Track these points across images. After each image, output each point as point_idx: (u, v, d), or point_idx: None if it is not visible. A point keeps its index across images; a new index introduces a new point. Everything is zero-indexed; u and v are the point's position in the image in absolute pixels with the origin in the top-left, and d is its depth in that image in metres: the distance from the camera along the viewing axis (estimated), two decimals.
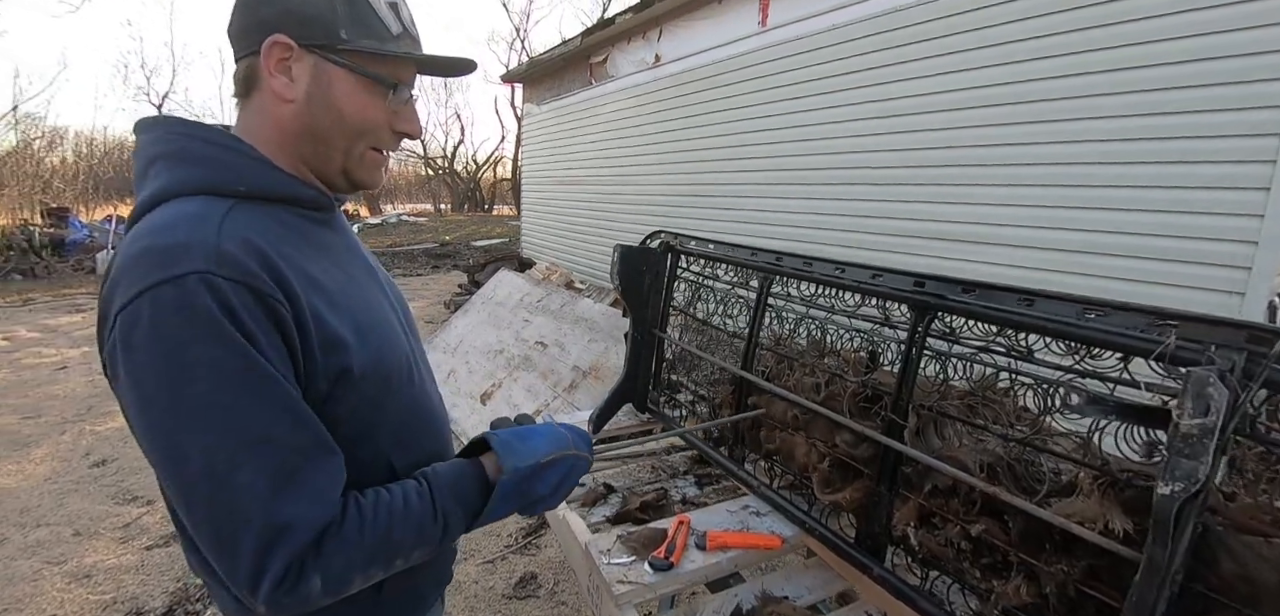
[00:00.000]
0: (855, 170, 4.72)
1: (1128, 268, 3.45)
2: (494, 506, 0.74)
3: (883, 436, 1.06)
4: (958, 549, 0.99)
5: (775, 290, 1.38)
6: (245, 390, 0.59)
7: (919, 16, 4.29)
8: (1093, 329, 0.76)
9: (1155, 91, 3.30)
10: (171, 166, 0.67)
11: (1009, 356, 0.97)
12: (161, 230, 0.61)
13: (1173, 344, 0.68)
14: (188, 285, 0.57)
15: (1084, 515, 0.81)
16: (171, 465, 0.59)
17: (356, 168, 0.76)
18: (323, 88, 0.70)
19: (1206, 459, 0.58)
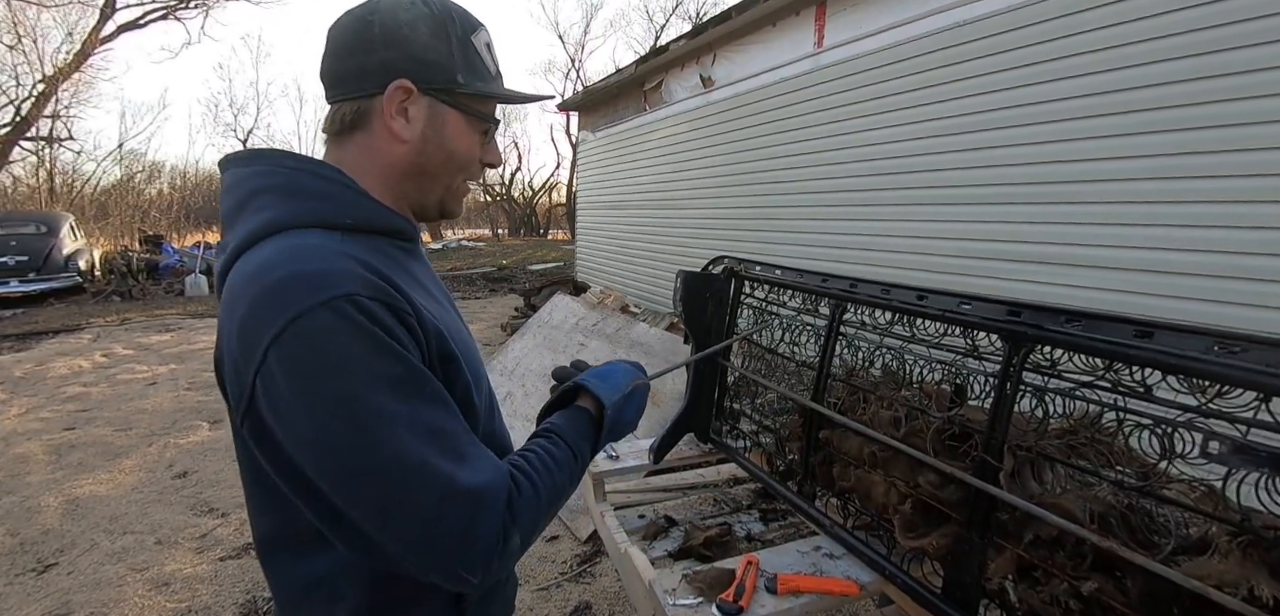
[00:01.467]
0: (923, 189, 4.55)
1: (1215, 289, 3.17)
2: (604, 436, 0.82)
3: (974, 478, 0.98)
4: (1065, 607, 0.89)
5: (847, 318, 1.31)
6: (414, 391, 0.62)
7: (980, 31, 4.13)
8: (1225, 365, 0.67)
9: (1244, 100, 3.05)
10: (282, 200, 0.68)
11: (1116, 393, 0.87)
12: (297, 258, 0.62)
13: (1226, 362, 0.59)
14: (342, 307, 0.59)
15: (1222, 578, 0.71)
16: (360, 478, 0.59)
17: (451, 200, 0.81)
18: (437, 128, 0.74)
19: None
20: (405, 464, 0.59)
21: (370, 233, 0.72)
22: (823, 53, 5.33)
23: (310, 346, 0.58)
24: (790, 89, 5.66)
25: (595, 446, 0.81)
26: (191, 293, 12.26)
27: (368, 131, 0.73)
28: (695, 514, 1.83)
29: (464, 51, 0.74)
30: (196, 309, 10.87)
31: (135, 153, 21.52)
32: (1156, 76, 3.36)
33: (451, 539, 0.60)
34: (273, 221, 0.66)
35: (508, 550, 0.64)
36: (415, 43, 0.71)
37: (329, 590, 0.69)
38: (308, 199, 0.69)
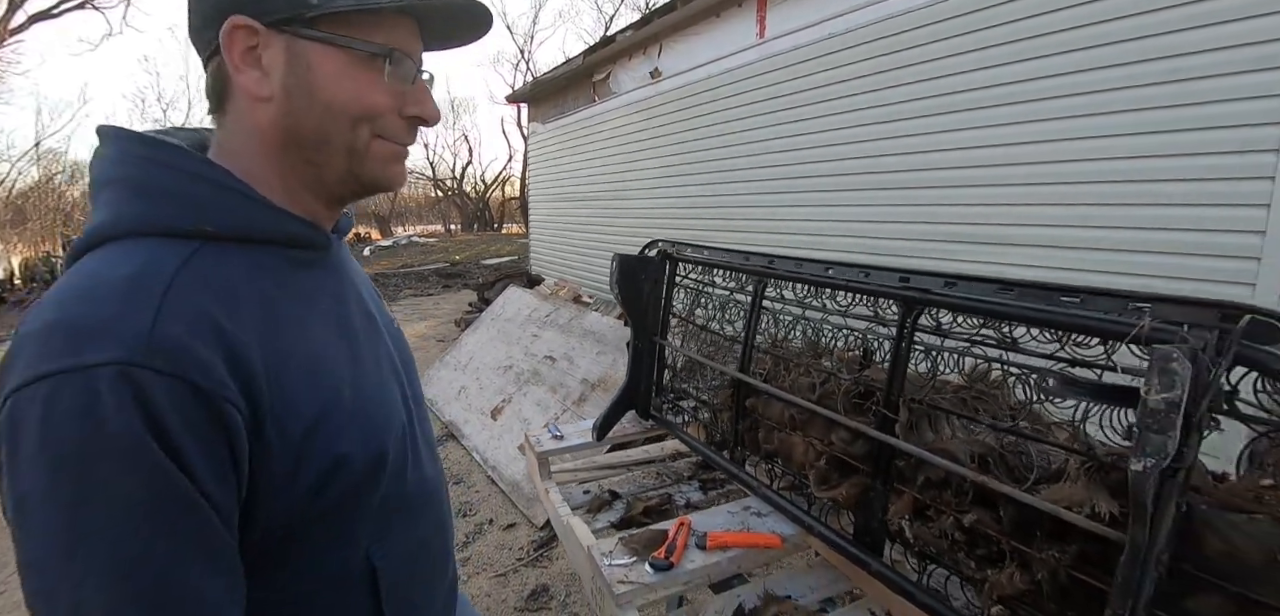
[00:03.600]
0: (860, 175, 4.74)
1: (1146, 263, 3.45)
2: None
3: (875, 431, 1.08)
4: (952, 540, 1.00)
5: (770, 293, 1.40)
6: (152, 527, 0.46)
7: (914, 22, 4.32)
8: (1071, 315, 0.78)
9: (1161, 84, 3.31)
10: (121, 197, 0.54)
11: (999, 348, 0.98)
12: (81, 295, 0.48)
13: (1148, 325, 0.69)
14: (98, 382, 0.44)
15: (1071, 499, 0.82)
16: (39, 601, 0.46)
17: (363, 165, 0.61)
18: (301, 74, 0.56)
19: (1174, 433, 0.59)
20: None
21: (242, 242, 0.56)
22: (765, 43, 5.46)
23: (38, 423, 0.44)
24: (735, 79, 5.79)
25: None
26: None
27: (232, 101, 0.58)
28: (638, 487, 1.90)
29: None
30: None
31: (55, 152, 20.20)
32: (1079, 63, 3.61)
33: None
34: (110, 224, 0.53)
35: None
36: None
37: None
38: (153, 198, 0.54)
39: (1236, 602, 0.72)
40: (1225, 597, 0.73)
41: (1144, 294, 0.71)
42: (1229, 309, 0.65)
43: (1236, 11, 3.04)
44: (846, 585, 1.37)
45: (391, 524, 0.64)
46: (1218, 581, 0.72)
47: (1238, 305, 0.64)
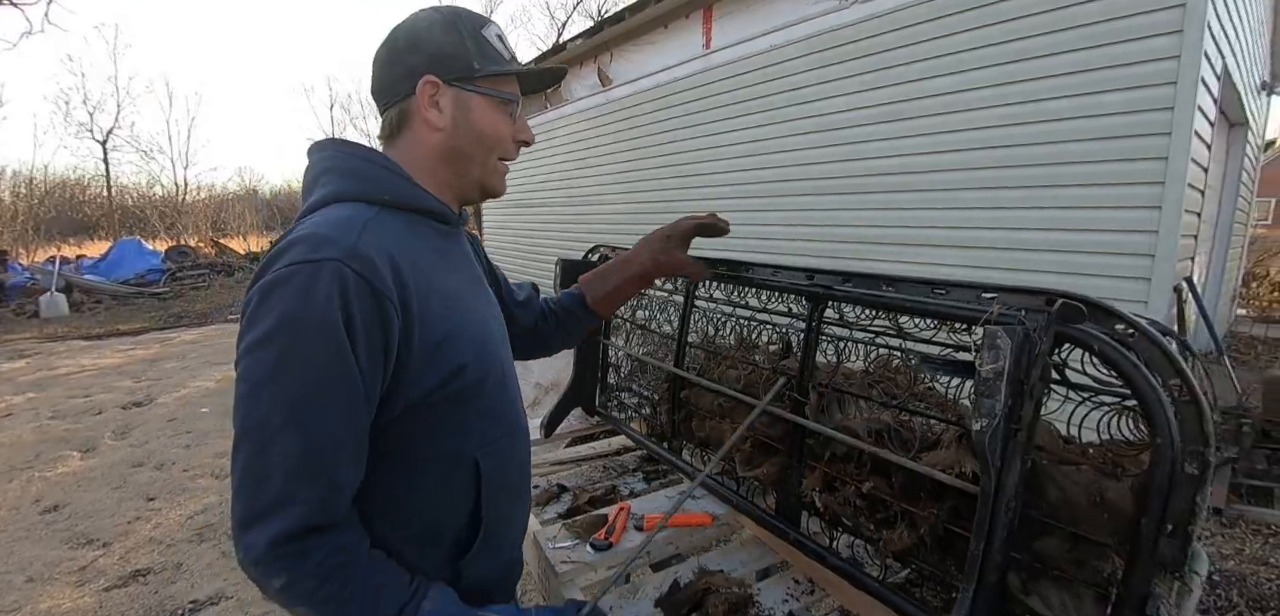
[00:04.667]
0: (799, 181, 4.95)
1: (1059, 262, 3.74)
2: None
3: (788, 414, 1.20)
4: (855, 506, 1.12)
5: (701, 293, 1.51)
6: (327, 389, 0.70)
7: (843, 37, 4.55)
8: (940, 304, 0.91)
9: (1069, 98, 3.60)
10: (335, 179, 0.82)
11: (892, 336, 1.12)
12: (319, 222, 0.75)
13: (996, 311, 0.83)
14: (322, 271, 0.69)
15: (944, 463, 0.96)
16: (242, 408, 0.69)
17: (490, 178, 0.92)
18: (464, 112, 0.86)
19: (1000, 397, 0.72)
20: (267, 424, 0.68)
21: (408, 210, 0.84)
22: (711, 54, 5.64)
23: (283, 292, 0.69)
24: (683, 88, 5.95)
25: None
26: (48, 313, 11.01)
27: (410, 128, 0.87)
28: (586, 480, 1.99)
29: (476, 43, 0.86)
30: (56, 331, 9.81)
31: None
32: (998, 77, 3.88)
33: (245, 505, 0.68)
34: (327, 195, 0.81)
35: (272, 568, 0.68)
36: (433, 42, 0.85)
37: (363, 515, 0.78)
38: (351, 177, 0.82)
39: (1071, 540, 0.86)
40: (1062, 537, 0.87)
41: (994, 285, 0.85)
42: (1052, 295, 0.79)
43: (1132, 32, 3.34)
44: (775, 557, 1.49)
45: (494, 436, 0.89)
46: (1056, 523, 0.87)
47: (1058, 292, 0.78)
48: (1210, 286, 6.19)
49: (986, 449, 0.76)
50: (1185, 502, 0.71)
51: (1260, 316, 8.97)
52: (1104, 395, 0.82)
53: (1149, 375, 0.72)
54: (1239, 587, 2.72)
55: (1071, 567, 0.86)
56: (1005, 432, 0.80)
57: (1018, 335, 0.73)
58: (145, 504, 3.86)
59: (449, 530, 0.87)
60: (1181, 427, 0.70)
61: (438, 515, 0.85)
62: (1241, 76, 4.97)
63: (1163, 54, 3.23)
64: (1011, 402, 0.79)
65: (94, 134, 23.43)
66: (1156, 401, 0.72)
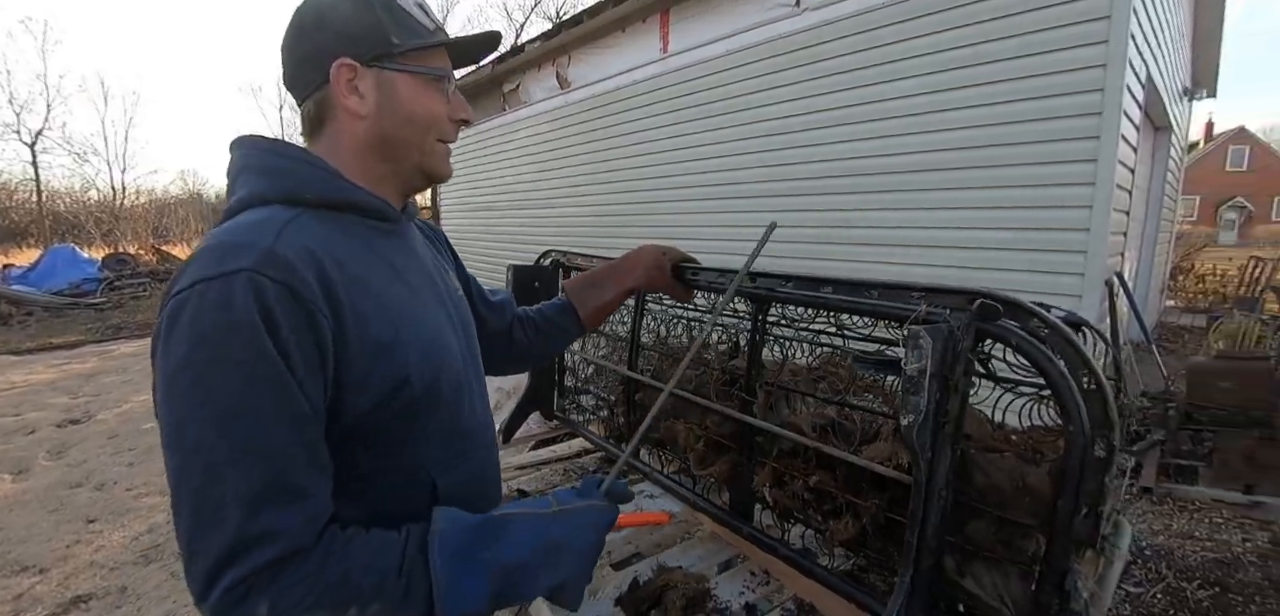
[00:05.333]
0: (761, 183, 5.04)
1: (1006, 259, 3.91)
2: (438, 566, 0.67)
3: (737, 413, 1.24)
4: (803, 500, 1.17)
5: (651, 297, 1.55)
6: (262, 397, 0.61)
7: (793, 44, 4.67)
8: (874, 304, 0.96)
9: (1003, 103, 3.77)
10: (251, 178, 0.74)
11: (838, 335, 1.17)
12: (228, 230, 0.67)
13: (924, 310, 0.88)
14: (234, 284, 0.61)
15: (881, 455, 1.00)
16: (174, 450, 0.62)
17: (431, 161, 0.83)
18: (390, 96, 0.77)
19: (924, 393, 0.77)
20: (209, 466, 0.60)
21: (336, 208, 0.76)
22: (669, 57, 5.69)
23: (193, 311, 0.61)
24: (643, 91, 5.99)
25: (432, 594, 0.67)
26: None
27: (333, 119, 0.78)
28: (545, 484, 2.00)
29: (391, 13, 0.76)
30: None
31: None
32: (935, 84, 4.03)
33: (202, 560, 0.59)
34: (245, 197, 0.73)
35: (245, 609, 0.60)
36: (340, 18, 0.75)
37: None
38: (271, 175, 0.74)
39: (998, 522, 0.92)
40: (991, 520, 0.93)
41: (923, 285, 0.90)
42: (973, 295, 0.84)
43: (1063, 42, 3.52)
44: (731, 552, 1.53)
45: (455, 454, 0.82)
46: (985, 508, 0.92)
47: (978, 291, 0.83)
48: (1140, 280, 6.56)
49: (915, 441, 0.80)
50: (1095, 483, 0.76)
51: (1187, 307, 9.54)
52: (1024, 386, 0.88)
53: (1061, 367, 0.78)
54: (1167, 560, 2.90)
55: (1000, 548, 0.91)
56: (934, 425, 0.84)
57: (942, 333, 0.78)
58: (85, 526, 3.68)
59: None
60: (1090, 414, 0.76)
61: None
62: (1164, 83, 5.29)
63: (1091, 63, 3.42)
64: (939, 397, 0.83)
65: (22, 135, 22.15)
66: (1068, 391, 0.77)
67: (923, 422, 0.78)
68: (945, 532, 0.95)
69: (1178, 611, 2.60)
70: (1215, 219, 33.02)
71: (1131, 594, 2.74)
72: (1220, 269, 10.65)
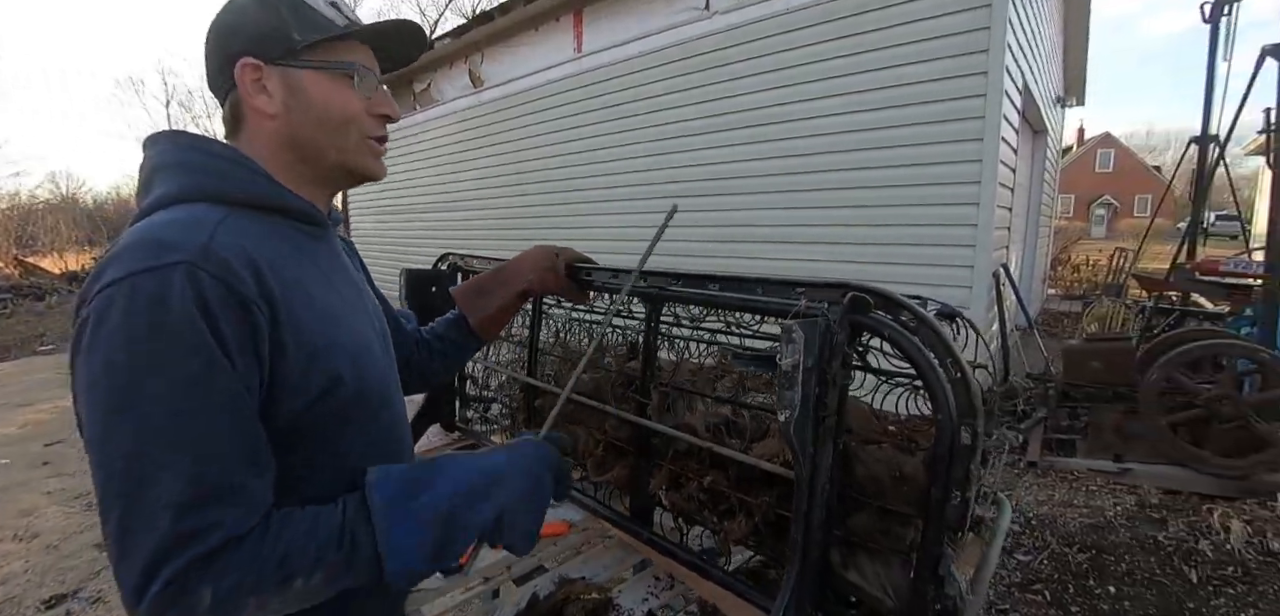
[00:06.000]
0: (664, 184, 5.08)
1: (899, 254, 4.11)
2: (378, 511, 0.68)
3: (631, 415, 1.21)
4: (698, 501, 1.15)
5: (548, 300, 1.49)
6: (197, 394, 0.60)
7: (703, 47, 4.75)
8: (757, 300, 0.95)
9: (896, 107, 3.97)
10: (173, 176, 0.71)
11: (727, 333, 1.16)
12: (157, 225, 0.65)
13: (803, 305, 0.87)
14: (171, 277, 0.60)
15: (770, 452, 1.00)
16: (101, 450, 0.59)
17: (354, 158, 0.81)
18: (297, 94, 0.76)
19: (798, 389, 0.76)
20: (137, 468, 0.58)
21: (263, 209, 0.74)
22: (583, 58, 5.64)
23: (124, 305, 0.59)
24: (557, 91, 5.91)
25: (377, 560, 0.67)
26: None
27: (245, 121, 0.77)
28: None
29: (294, 11, 0.75)
30: None
31: None
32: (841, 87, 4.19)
33: (134, 559, 0.57)
34: (164, 195, 0.70)
35: (186, 603, 0.58)
36: (246, 20, 0.75)
37: None
38: (194, 173, 0.72)
39: (880, 513, 0.93)
40: (872, 511, 0.94)
41: (804, 280, 0.90)
42: (846, 288, 0.84)
43: (950, 50, 3.75)
44: (638, 558, 1.50)
45: (381, 454, 0.79)
46: (866, 499, 0.93)
47: (851, 285, 0.84)
48: (1025, 271, 7.12)
49: (794, 437, 0.80)
50: (962, 470, 0.78)
51: (1065, 294, 10.47)
52: (899, 378, 0.89)
53: (930, 357, 0.79)
54: (1051, 528, 3.13)
55: (881, 538, 0.93)
56: (814, 420, 0.84)
57: (817, 327, 0.77)
58: None
59: None
60: (957, 403, 0.78)
61: None
62: (1040, 91, 5.76)
63: (974, 70, 3.66)
64: (818, 391, 0.83)
65: None
66: (936, 380, 0.79)
67: (800, 417, 0.78)
68: (830, 526, 0.95)
69: (1062, 575, 2.81)
70: (1088, 215, 36.54)
71: (1022, 563, 2.94)
72: (1092, 259, 11.76)
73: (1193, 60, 70.41)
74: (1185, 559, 2.80)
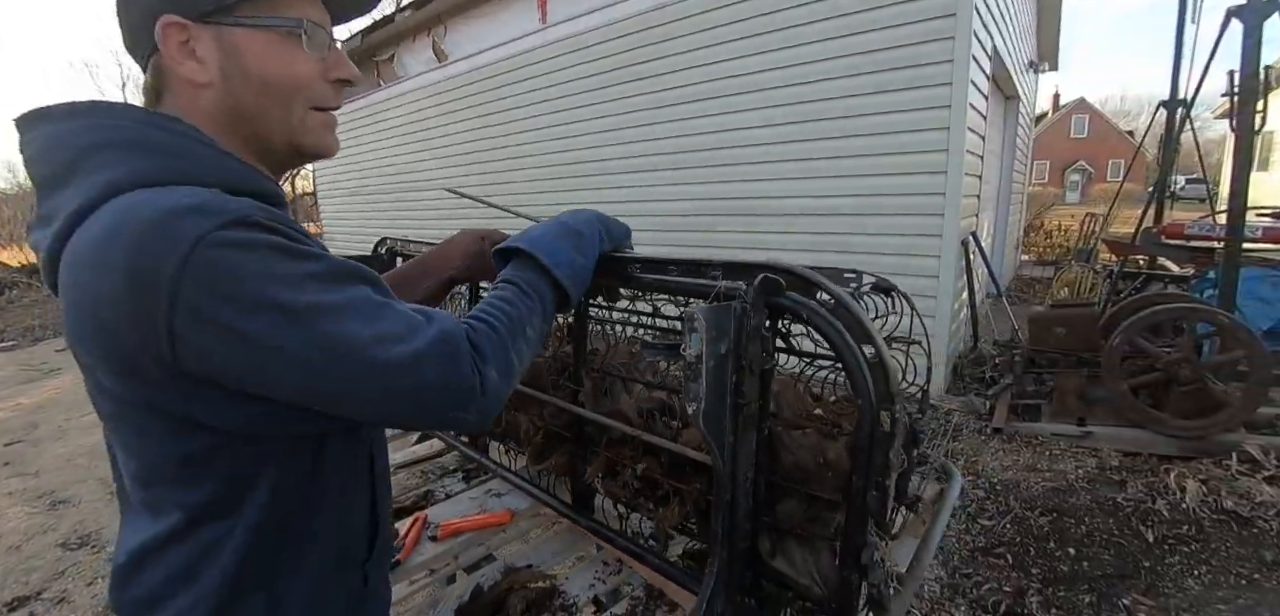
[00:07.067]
0: (635, 158, 5.00)
1: (866, 224, 4.09)
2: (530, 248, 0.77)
3: (563, 402, 1.17)
4: (633, 488, 1.12)
5: (485, 285, 1.44)
6: (345, 277, 0.59)
7: (676, 13, 4.64)
8: (675, 280, 0.90)
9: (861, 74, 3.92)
10: (124, 155, 0.57)
11: (659, 318, 1.12)
12: (171, 196, 0.54)
13: (722, 286, 0.83)
14: (241, 228, 0.53)
15: (697, 440, 0.96)
16: (334, 366, 0.56)
17: (303, 134, 0.69)
18: (235, 59, 0.64)
19: (702, 380, 0.72)
20: (377, 343, 0.57)
21: (235, 194, 0.61)
22: (547, 29, 5.50)
23: (228, 267, 0.52)
24: (521, 64, 5.77)
25: (547, 273, 0.77)
26: None
27: (171, 93, 0.65)
28: (400, 488, 1.86)
29: None
30: None
31: None
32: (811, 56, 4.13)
33: (433, 394, 0.59)
34: (123, 179, 0.56)
35: (487, 384, 0.62)
36: None
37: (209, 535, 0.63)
38: (161, 154, 0.59)
39: (807, 501, 0.90)
40: (800, 498, 0.91)
41: (719, 261, 0.85)
42: (759, 268, 0.80)
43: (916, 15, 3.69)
44: (585, 546, 1.47)
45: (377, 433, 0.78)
46: (792, 485, 0.90)
47: (765, 265, 0.79)
48: (997, 239, 7.17)
49: (704, 428, 0.76)
50: (882, 457, 0.75)
51: (1038, 260, 10.60)
52: (824, 360, 0.86)
53: (850, 339, 0.76)
54: (1014, 492, 3.18)
55: (809, 526, 0.90)
56: (732, 408, 0.81)
57: (733, 312, 0.73)
58: None
59: (358, 527, 0.76)
60: (875, 387, 0.74)
61: (351, 514, 0.74)
62: (1011, 56, 5.73)
63: (941, 35, 3.61)
64: (735, 379, 0.79)
65: None
66: (856, 363, 0.75)
67: (712, 407, 0.74)
68: (758, 514, 0.92)
69: (1024, 538, 2.86)
70: (1063, 181, 36.97)
71: (986, 527, 2.98)
72: (1064, 225, 11.90)
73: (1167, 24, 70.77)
74: (1142, 519, 2.86)
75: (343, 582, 0.73)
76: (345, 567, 0.73)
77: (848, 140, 3.99)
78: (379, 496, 0.78)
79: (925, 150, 3.77)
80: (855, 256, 4.07)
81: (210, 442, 0.59)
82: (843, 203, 4.11)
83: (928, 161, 3.78)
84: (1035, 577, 2.62)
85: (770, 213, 4.37)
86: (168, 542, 0.62)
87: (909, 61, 3.71)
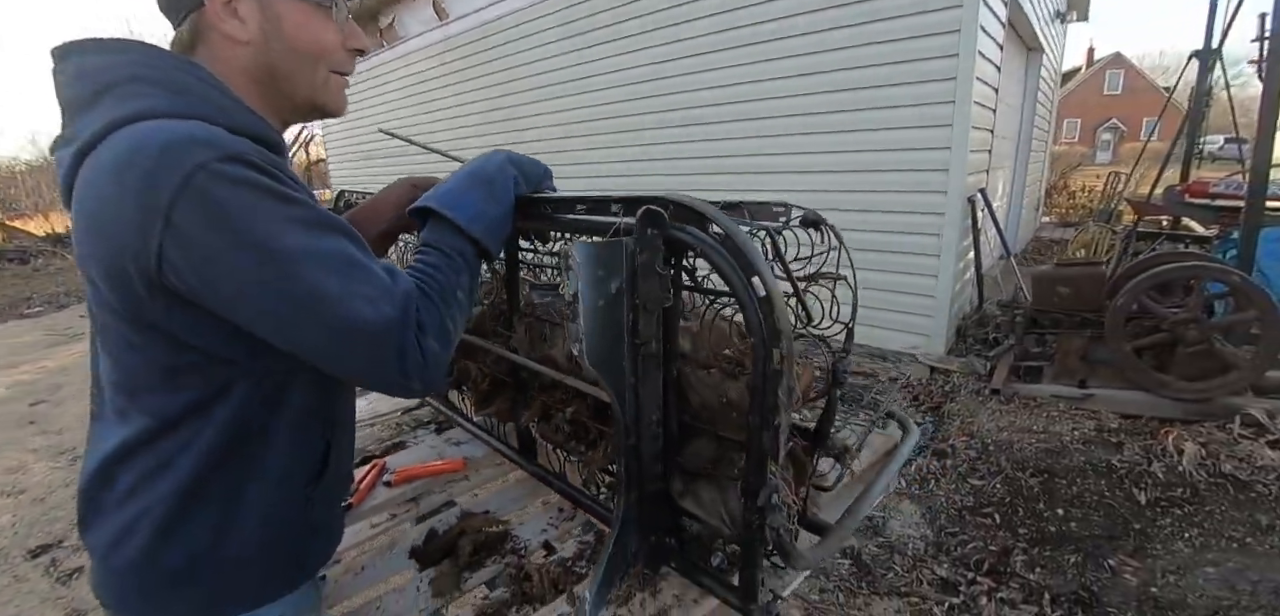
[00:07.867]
0: (645, 113, 4.92)
1: (874, 181, 4.00)
2: (438, 206, 0.79)
3: (500, 349, 1.17)
4: (563, 429, 1.13)
5: None
6: (326, 228, 0.64)
7: None
8: (578, 219, 0.88)
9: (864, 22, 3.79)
10: (161, 93, 0.65)
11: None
12: (188, 126, 0.61)
13: (621, 223, 0.82)
14: (238, 165, 0.59)
15: None
16: (301, 312, 0.61)
17: (323, 94, 0.78)
18: (274, 23, 0.72)
19: (580, 319, 0.71)
20: (329, 294, 0.61)
21: (246, 138, 0.68)
22: None
23: (219, 198, 0.58)
24: (529, 18, 5.67)
25: (462, 232, 0.79)
26: None
27: (207, 46, 0.72)
28: (374, 442, 1.90)
29: None
30: None
31: None
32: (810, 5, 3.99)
33: (390, 359, 0.64)
34: (149, 109, 0.63)
35: (428, 355, 0.67)
36: None
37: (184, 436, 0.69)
38: (186, 95, 0.66)
39: (715, 440, 0.90)
40: (707, 438, 0.90)
41: (619, 195, 0.83)
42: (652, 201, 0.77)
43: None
44: (546, 492, 1.49)
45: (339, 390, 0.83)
46: (701, 426, 0.90)
47: (651, 197, 0.76)
48: (1014, 198, 6.95)
49: (598, 369, 0.75)
50: (772, 396, 0.74)
51: (1061, 222, 10.30)
52: (724, 296, 0.84)
53: (742, 274, 0.74)
54: (1007, 453, 3.14)
55: (717, 466, 0.90)
56: (630, 349, 0.80)
57: (625, 248, 0.72)
58: None
59: (310, 464, 0.81)
60: (765, 325, 0.73)
61: (303, 450, 0.79)
62: (1032, 3, 5.48)
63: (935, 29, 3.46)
64: (631, 318, 0.79)
65: None
66: (749, 300, 0.74)
67: (603, 347, 0.73)
68: (668, 455, 0.92)
69: (1013, 498, 2.83)
70: (1094, 140, 35.63)
71: (976, 487, 2.96)
72: (1089, 185, 11.50)
73: None
74: (1135, 481, 2.80)
75: (289, 504, 0.78)
76: (290, 490, 0.78)
77: (847, 94, 3.88)
78: (334, 440, 0.82)
79: (929, 102, 3.64)
80: (852, 215, 3.99)
81: (188, 360, 0.66)
82: (843, 159, 4.01)
83: (932, 114, 3.66)
84: (1022, 537, 2.60)
85: (769, 170, 4.30)
86: (134, 449, 0.69)
87: (913, 8, 3.57)
